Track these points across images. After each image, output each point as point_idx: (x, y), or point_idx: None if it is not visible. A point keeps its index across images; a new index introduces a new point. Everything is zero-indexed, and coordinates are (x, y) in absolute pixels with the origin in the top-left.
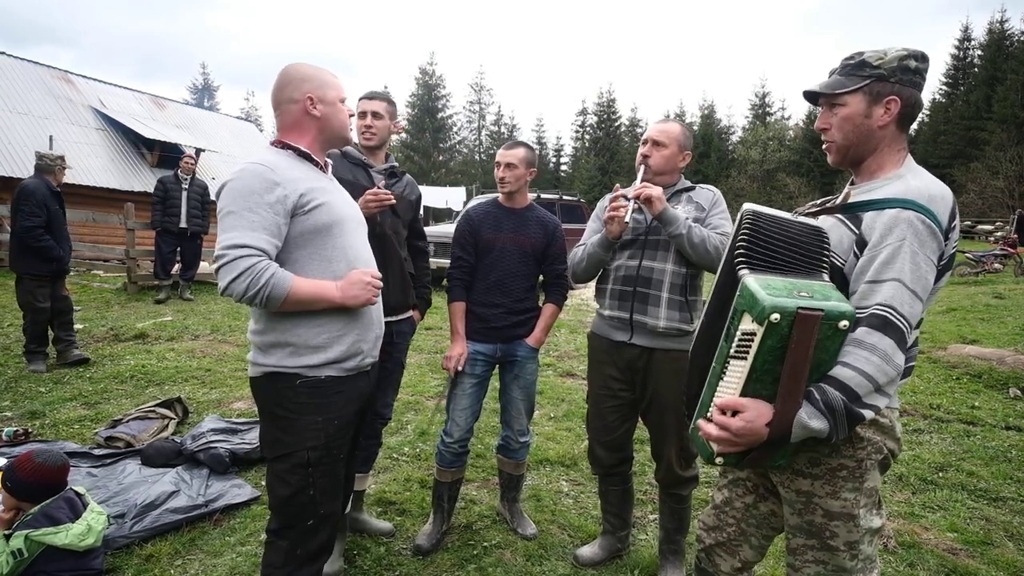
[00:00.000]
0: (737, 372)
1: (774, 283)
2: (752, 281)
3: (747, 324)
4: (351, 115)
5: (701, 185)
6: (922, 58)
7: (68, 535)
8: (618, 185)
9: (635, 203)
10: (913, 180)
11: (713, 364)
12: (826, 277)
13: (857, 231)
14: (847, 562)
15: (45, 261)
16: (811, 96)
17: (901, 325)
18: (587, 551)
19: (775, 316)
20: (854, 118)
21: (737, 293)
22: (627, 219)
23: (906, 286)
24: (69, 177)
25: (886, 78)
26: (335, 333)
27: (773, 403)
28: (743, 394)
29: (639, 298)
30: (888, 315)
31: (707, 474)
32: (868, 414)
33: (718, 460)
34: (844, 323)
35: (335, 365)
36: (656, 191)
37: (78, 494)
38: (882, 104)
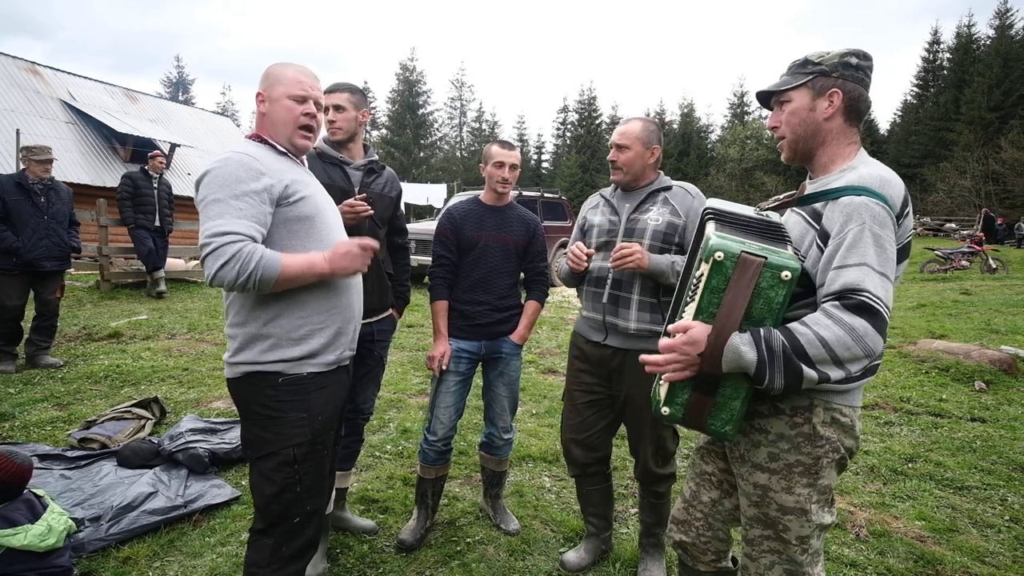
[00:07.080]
0: (688, 313)
1: (731, 235)
2: (712, 228)
3: (701, 268)
4: (305, 114)
5: (679, 184)
6: (863, 56)
7: (27, 536)
8: (580, 243)
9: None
10: (864, 169)
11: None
12: (789, 249)
13: (818, 225)
14: (799, 556)
15: (2, 254)
16: (763, 97)
17: (878, 307)
18: (573, 557)
19: (719, 255)
20: (800, 112)
21: (700, 246)
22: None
23: (874, 269)
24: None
25: (828, 73)
26: (317, 325)
27: None
28: None
29: (611, 300)
30: (864, 298)
31: (685, 469)
32: (812, 375)
33: (664, 410)
34: (786, 274)
35: (316, 360)
36: (634, 258)
37: (37, 496)
38: (825, 97)
